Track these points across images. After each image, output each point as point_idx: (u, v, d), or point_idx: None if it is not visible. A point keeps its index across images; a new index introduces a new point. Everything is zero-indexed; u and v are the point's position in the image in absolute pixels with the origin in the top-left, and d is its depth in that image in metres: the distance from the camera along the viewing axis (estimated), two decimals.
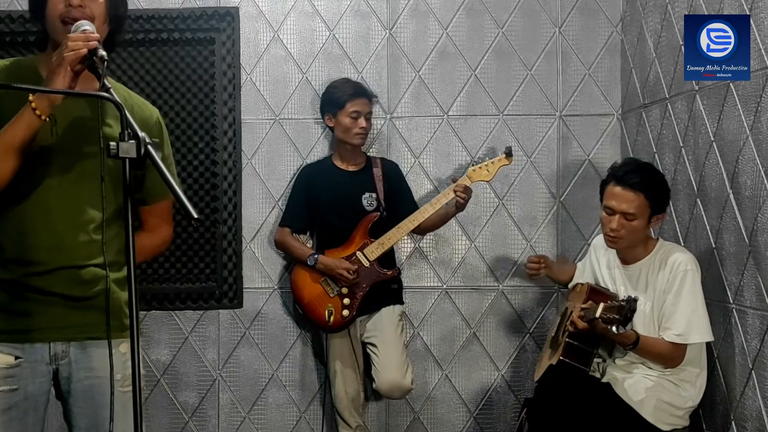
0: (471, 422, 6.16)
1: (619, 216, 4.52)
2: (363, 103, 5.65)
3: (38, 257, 3.13)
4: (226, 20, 6.02)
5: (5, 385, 3.12)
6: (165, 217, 3.61)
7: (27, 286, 3.14)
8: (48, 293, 3.13)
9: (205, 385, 6.13)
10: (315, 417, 6.15)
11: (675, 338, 4.43)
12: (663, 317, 4.51)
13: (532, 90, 6.10)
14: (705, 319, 4.48)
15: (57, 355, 3.20)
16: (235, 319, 6.13)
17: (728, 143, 4.54)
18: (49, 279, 3.13)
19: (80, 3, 3.10)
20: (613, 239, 4.62)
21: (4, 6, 5.95)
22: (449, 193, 5.46)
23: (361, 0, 6.11)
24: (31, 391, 3.18)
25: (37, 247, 3.13)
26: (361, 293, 5.57)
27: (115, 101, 2.79)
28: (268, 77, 6.13)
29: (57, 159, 3.16)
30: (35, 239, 3.13)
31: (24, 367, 3.15)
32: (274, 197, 6.11)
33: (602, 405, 4.55)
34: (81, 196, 3.19)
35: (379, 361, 5.58)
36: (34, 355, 3.17)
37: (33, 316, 3.16)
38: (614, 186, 4.59)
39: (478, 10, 6.09)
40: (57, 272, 3.11)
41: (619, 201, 4.53)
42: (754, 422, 4.33)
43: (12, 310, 3.16)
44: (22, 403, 3.16)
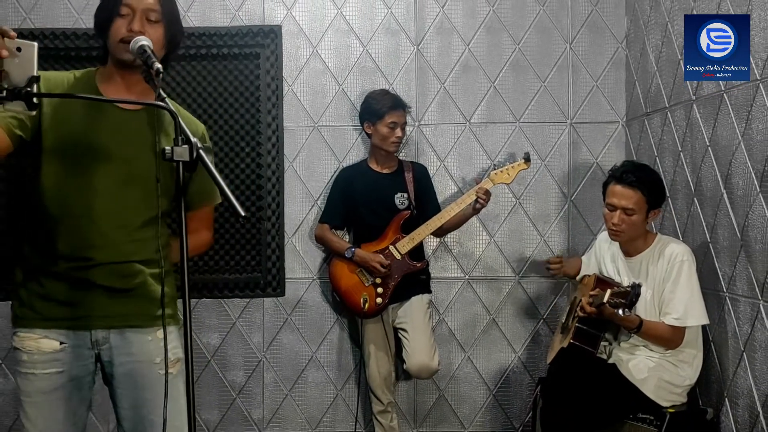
0: (490, 399, 6.18)
1: (620, 212, 4.56)
2: (400, 115, 5.63)
3: (84, 253, 3.16)
4: (270, 37, 6.04)
5: (52, 368, 3.18)
6: (206, 223, 3.63)
7: (73, 279, 3.18)
8: (91, 285, 3.17)
9: (251, 365, 6.15)
10: (350, 394, 6.17)
11: (674, 322, 4.45)
12: (663, 303, 4.52)
13: (545, 100, 6.11)
14: (701, 304, 4.49)
15: (98, 341, 3.23)
16: (278, 306, 6.14)
17: (722, 148, 4.56)
18: (93, 272, 3.17)
19: (140, 30, 3.14)
20: (615, 233, 4.64)
21: (69, 24, 5.97)
22: (472, 194, 5.46)
23: (391, 19, 6.11)
24: (75, 374, 3.22)
25: (83, 244, 3.17)
26: (393, 283, 5.56)
27: (169, 109, 2.82)
28: (308, 88, 6.12)
29: (105, 165, 3.17)
30: (81, 237, 3.16)
31: (68, 351, 3.20)
32: (313, 196, 6.10)
33: (608, 384, 4.57)
34: (125, 199, 3.22)
35: (410, 345, 5.59)
36: (77, 341, 3.21)
37: (77, 305, 3.20)
38: (614, 185, 4.61)
39: (496, 28, 6.09)
40: (100, 267, 3.15)
41: (619, 198, 4.56)
42: (745, 399, 4.38)
43: (58, 300, 3.20)
44: (68, 384, 3.21)
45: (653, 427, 4.52)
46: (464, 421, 6.20)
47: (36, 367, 3.19)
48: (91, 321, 3.21)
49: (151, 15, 3.21)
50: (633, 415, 4.60)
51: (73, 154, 3.18)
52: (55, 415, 3.21)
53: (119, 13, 3.20)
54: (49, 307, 3.21)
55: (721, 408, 4.66)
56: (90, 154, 3.19)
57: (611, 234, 4.71)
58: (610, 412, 4.61)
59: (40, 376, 3.19)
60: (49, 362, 3.18)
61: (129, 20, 3.18)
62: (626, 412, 4.61)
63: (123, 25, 3.18)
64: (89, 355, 3.25)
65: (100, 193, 3.18)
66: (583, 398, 4.56)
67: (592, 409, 4.55)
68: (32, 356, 3.19)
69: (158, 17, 3.23)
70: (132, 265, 3.24)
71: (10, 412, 6.00)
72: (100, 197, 3.18)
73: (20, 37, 2.85)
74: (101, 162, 3.19)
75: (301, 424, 6.20)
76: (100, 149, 3.19)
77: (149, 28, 3.19)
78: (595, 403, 4.55)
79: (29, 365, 3.20)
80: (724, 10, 4.47)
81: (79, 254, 3.16)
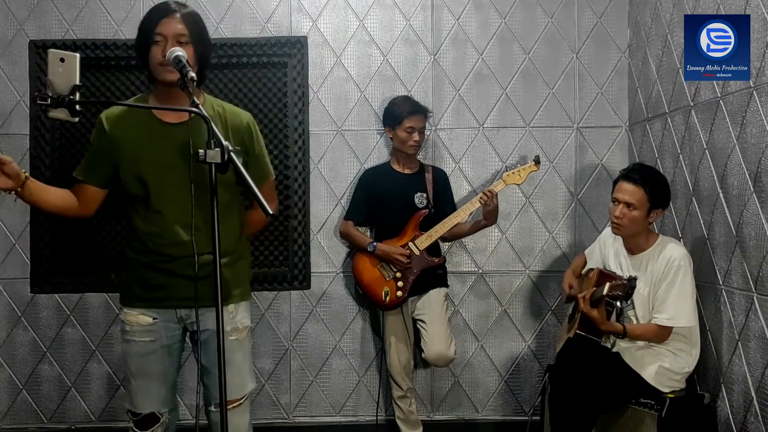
0: (502, 385, 6.22)
1: (622, 205, 4.58)
2: (418, 120, 5.62)
3: (165, 250, 3.68)
4: (296, 47, 6.07)
5: (147, 337, 3.80)
6: (268, 197, 3.64)
7: (160, 269, 3.71)
8: (174, 274, 3.68)
9: (279, 353, 6.19)
10: (372, 381, 6.22)
11: (665, 322, 4.49)
12: (656, 302, 4.55)
13: (553, 106, 6.14)
14: (692, 307, 4.51)
15: (182, 317, 3.83)
16: (304, 299, 6.18)
17: (718, 151, 4.59)
18: (173, 265, 3.67)
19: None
20: (616, 225, 4.66)
21: (109, 35, 6.02)
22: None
23: (410, 30, 6.14)
24: (165, 342, 3.84)
25: (164, 243, 3.68)
26: (413, 277, 5.57)
27: (202, 114, 3.05)
28: (332, 95, 6.15)
29: (173, 173, 3.54)
30: (161, 237, 3.67)
31: (159, 324, 3.81)
32: (336, 196, 6.14)
33: (612, 371, 4.60)
34: (187, 202, 3.54)
35: (428, 335, 5.60)
36: (166, 317, 3.81)
37: (164, 289, 3.74)
38: (621, 181, 4.65)
39: (508, 38, 6.13)
40: (178, 260, 3.64)
41: (623, 193, 4.59)
42: (740, 385, 4.41)
43: (150, 285, 3.75)
44: (159, 350, 3.84)
45: (654, 411, 4.53)
46: (478, 406, 6.24)
47: (135, 336, 3.82)
48: (175, 302, 3.77)
49: (181, 38, 3.52)
50: (635, 400, 4.62)
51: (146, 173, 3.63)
52: (151, 372, 3.85)
53: (154, 41, 3.50)
54: (144, 290, 3.79)
55: (717, 393, 4.68)
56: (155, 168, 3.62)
57: (613, 226, 4.71)
58: (614, 397, 4.63)
59: (138, 343, 3.82)
60: (144, 332, 3.81)
61: (163, 46, 3.49)
62: (629, 397, 4.64)
63: (158, 51, 3.51)
64: (176, 328, 3.87)
65: (170, 200, 3.64)
66: (588, 384, 4.59)
67: (597, 395, 4.58)
68: (132, 327, 3.82)
69: (187, 39, 3.53)
70: (202, 257, 3.58)
71: (103, 396, 6.19)
72: (170, 203, 3.64)
73: (63, 47, 2.95)
74: (165, 172, 3.59)
75: (326, 408, 6.25)
76: (160, 163, 3.62)
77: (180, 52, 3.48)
78: (600, 389, 4.58)
79: (130, 334, 3.83)
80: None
81: (162, 251, 3.69)
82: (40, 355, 6.14)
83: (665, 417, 4.48)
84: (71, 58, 2.92)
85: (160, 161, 3.60)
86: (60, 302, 6.12)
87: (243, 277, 4.00)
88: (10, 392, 6.14)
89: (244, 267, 4.03)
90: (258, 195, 2.91)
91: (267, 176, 4.00)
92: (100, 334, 6.13)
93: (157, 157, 3.60)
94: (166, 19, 3.50)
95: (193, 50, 3.53)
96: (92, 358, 6.15)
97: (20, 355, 6.13)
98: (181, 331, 3.89)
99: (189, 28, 3.53)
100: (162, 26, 3.49)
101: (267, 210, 2.90)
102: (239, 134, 3.76)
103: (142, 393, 3.86)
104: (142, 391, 3.86)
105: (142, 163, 3.60)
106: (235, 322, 3.89)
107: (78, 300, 6.13)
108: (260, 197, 2.89)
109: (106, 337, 6.12)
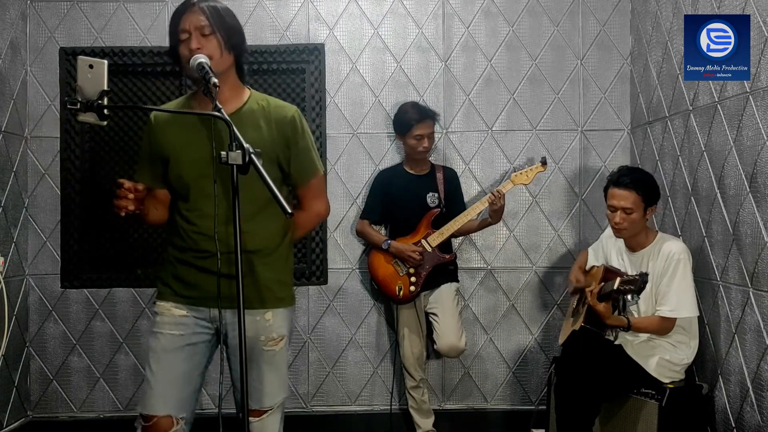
0: (510, 376, 6.24)
1: (620, 212, 4.60)
2: (426, 126, 5.59)
3: (202, 246, 3.40)
4: (314, 54, 6.11)
5: (176, 330, 3.47)
6: (315, 194, 3.67)
7: (197, 266, 3.45)
8: (209, 272, 3.38)
9: (298, 346, 6.20)
10: (386, 372, 6.23)
11: (668, 313, 4.51)
12: (659, 296, 4.56)
13: (558, 110, 6.17)
14: (693, 298, 4.54)
15: (215, 318, 3.43)
16: (321, 294, 6.21)
17: (716, 153, 4.62)
18: (210, 262, 3.36)
19: (198, 46, 3.28)
20: (618, 231, 4.69)
21: (136, 42, 6.09)
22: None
23: (422, 38, 6.18)
24: (193, 341, 3.48)
25: (202, 239, 3.40)
26: (425, 273, 5.60)
27: (224, 119, 2.98)
28: (348, 100, 6.18)
29: (207, 173, 3.37)
30: (200, 234, 3.41)
31: (190, 319, 3.48)
32: (352, 196, 6.17)
33: (615, 362, 4.62)
34: (227, 199, 3.28)
35: (440, 328, 5.60)
36: (198, 314, 3.48)
37: (199, 287, 3.45)
38: (612, 188, 4.66)
39: (515, 45, 6.17)
40: (215, 257, 3.31)
41: (618, 200, 4.61)
42: (736, 376, 4.45)
43: (186, 281, 3.49)
44: (186, 347, 3.48)
45: (654, 400, 4.54)
46: (487, 396, 6.27)
47: (164, 328, 3.49)
48: (209, 301, 3.45)
49: (204, 30, 3.33)
50: (637, 390, 4.64)
51: (185, 171, 3.46)
52: (173, 371, 3.48)
53: (180, 39, 3.38)
54: (179, 286, 3.52)
55: (715, 384, 4.71)
56: (193, 169, 3.44)
57: (615, 232, 4.74)
58: (616, 387, 4.66)
59: (166, 336, 3.48)
60: (174, 325, 3.48)
61: (188, 42, 3.33)
62: (631, 387, 4.66)
63: (185, 48, 3.34)
64: (207, 326, 3.52)
65: (208, 198, 3.38)
66: (592, 375, 4.60)
67: (600, 385, 4.60)
68: (163, 317, 3.51)
69: (210, 30, 3.34)
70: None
71: (129, 386, 6.26)
72: (208, 201, 3.38)
73: (92, 54, 2.97)
74: (203, 171, 3.42)
75: (342, 398, 6.27)
76: (197, 163, 3.43)
77: (206, 42, 3.32)
78: (603, 380, 4.60)
79: (160, 325, 3.51)
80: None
81: (199, 247, 3.43)
82: (70, 348, 6.22)
83: (665, 406, 4.48)
84: (100, 65, 2.93)
85: (196, 161, 3.44)
86: (89, 297, 6.21)
87: (286, 280, 3.65)
88: (41, 382, 6.21)
89: (287, 270, 3.67)
90: (276, 192, 2.81)
91: (314, 171, 3.64)
92: (127, 327, 6.21)
93: (191, 156, 3.46)
94: (186, 14, 3.36)
95: (218, 40, 3.35)
96: (120, 350, 6.22)
97: (51, 348, 6.21)
98: (211, 334, 3.54)
99: (210, 17, 3.35)
100: (183, 22, 3.36)
101: (286, 209, 2.80)
102: (283, 128, 3.51)
103: (160, 392, 3.45)
104: (160, 390, 3.45)
105: (182, 161, 3.47)
106: (270, 330, 3.51)
107: (106, 295, 6.21)
108: (278, 195, 2.81)
109: (133, 330, 6.20)
